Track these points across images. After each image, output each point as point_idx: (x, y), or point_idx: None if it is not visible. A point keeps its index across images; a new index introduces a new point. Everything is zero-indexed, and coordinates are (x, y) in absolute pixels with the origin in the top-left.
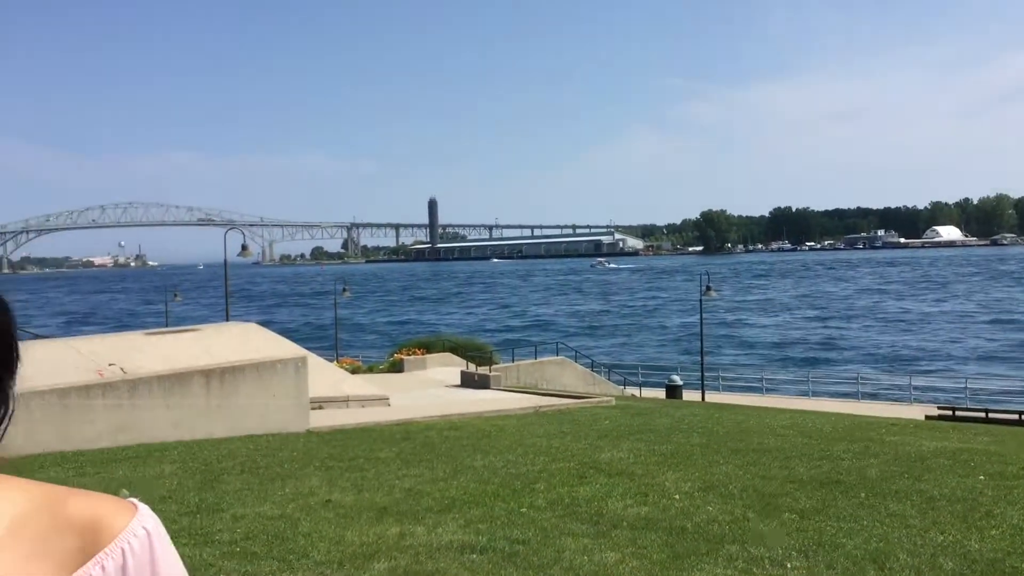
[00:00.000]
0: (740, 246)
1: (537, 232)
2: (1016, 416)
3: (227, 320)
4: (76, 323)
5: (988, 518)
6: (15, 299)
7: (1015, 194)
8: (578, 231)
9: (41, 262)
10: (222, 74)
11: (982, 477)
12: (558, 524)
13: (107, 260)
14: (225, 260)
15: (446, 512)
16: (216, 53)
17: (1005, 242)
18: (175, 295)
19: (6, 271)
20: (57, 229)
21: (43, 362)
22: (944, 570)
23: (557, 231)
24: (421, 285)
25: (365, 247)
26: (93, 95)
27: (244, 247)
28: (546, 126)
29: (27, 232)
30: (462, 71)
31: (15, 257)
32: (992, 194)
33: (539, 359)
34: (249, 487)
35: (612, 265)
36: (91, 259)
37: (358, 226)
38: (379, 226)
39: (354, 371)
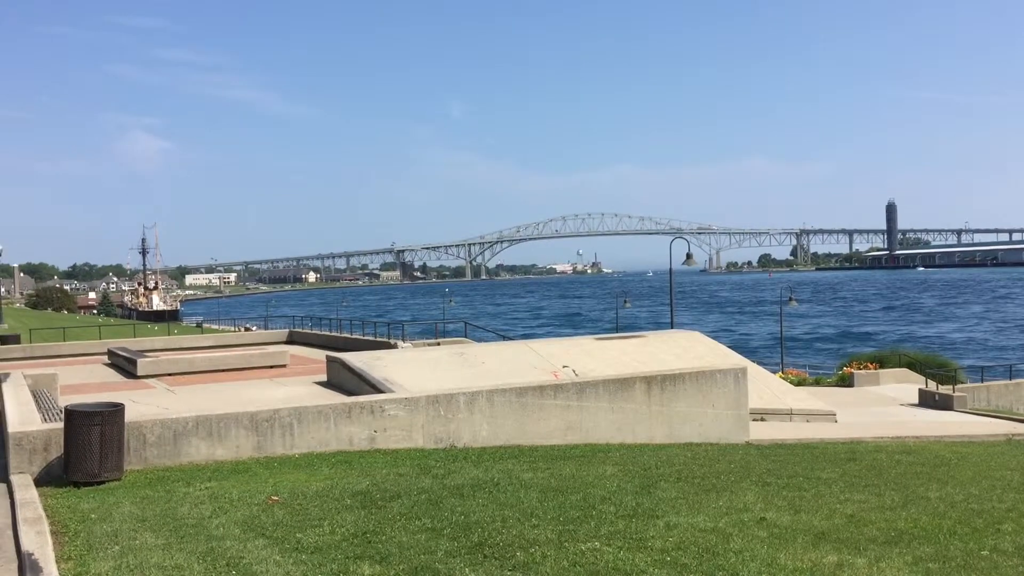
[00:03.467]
0: None
1: (1016, 236)
2: None
3: (671, 327)
4: (545, 324)
5: None
6: (499, 303)
7: None
8: None
9: (512, 269)
10: (665, 88)
11: None
12: None
13: (567, 267)
14: (670, 268)
15: (892, 545)
16: (660, 71)
17: None
18: (625, 301)
19: (484, 277)
20: (525, 239)
21: (506, 362)
22: None
23: None
24: (877, 294)
25: (815, 254)
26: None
27: (689, 255)
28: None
29: (501, 242)
30: (919, 67)
31: (491, 264)
32: None
33: (1015, 380)
34: (684, 496)
35: None
36: (553, 266)
37: (808, 232)
38: (831, 232)
39: (799, 383)
